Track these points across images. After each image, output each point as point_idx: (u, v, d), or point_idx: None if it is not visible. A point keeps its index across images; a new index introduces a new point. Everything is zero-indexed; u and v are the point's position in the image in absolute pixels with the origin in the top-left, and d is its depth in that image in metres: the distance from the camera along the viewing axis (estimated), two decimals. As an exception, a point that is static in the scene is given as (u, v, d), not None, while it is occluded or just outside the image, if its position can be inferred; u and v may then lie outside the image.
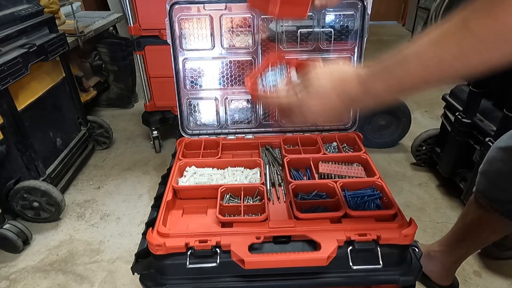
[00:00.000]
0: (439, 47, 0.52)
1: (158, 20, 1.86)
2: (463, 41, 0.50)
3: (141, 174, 2.04)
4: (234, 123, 1.28)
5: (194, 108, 1.26)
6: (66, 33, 1.95)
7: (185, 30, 1.17)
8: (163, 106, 2.12)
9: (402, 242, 0.78)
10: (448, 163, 1.73)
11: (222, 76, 1.23)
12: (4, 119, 1.47)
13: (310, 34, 1.17)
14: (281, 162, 1.09)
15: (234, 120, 1.27)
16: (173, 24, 1.16)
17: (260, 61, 1.19)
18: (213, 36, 1.18)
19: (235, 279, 0.80)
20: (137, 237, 1.58)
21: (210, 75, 1.23)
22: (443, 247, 1.24)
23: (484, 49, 0.49)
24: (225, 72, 1.22)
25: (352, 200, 0.91)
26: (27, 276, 1.43)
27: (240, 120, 1.28)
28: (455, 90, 1.74)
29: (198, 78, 1.23)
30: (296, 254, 0.76)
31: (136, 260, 0.86)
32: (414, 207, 1.72)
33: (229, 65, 1.21)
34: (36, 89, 1.70)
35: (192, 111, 1.26)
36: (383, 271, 0.81)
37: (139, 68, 2.02)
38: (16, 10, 1.59)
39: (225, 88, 1.24)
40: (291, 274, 0.80)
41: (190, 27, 1.17)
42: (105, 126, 2.21)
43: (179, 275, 0.80)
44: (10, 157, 1.52)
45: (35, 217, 1.66)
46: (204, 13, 1.14)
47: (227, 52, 1.20)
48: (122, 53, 2.55)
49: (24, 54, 1.50)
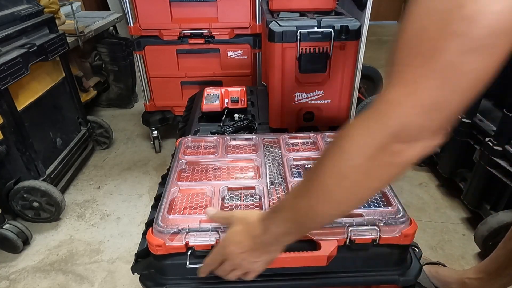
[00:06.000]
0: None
1: (158, 20, 1.86)
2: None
3: (141, 174, 2.04)
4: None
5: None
6: (66, 33, 1.95)
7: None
8: (163, 106, 2.12)
9: (402, 242, 0.78)
10: (448, 163, 1.73)
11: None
12: (4, 119, 1.47)
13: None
14: (281, 162, 1.09)
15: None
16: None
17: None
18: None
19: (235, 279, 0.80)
20: (137, 237, 1.58)
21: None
22: (481, 275, 1.12)
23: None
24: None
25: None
26: (27, 276, 1.43)
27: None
28: (455, 90, 1.74)
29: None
30: (296, 254, 0.75)
31: (136, 260, 0.86)
32: (414, 207, 1.72)
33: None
34: (36, 89, 1.70)
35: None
36: (383, 271, 0.81)
37: (139, 68, 2.02)
38: (16, 10, 1.59)
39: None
40: (291, 274, 0.80)
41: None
42: (105, 126, 2.21)
43: (179, 275, 0.80)
44: (10, 157, 1.52)
45: (35, 217, 1.65)
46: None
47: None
48: (122, 53, 2.55)
49: (24, 54, 1.50)
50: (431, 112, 0.41)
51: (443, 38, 0.38)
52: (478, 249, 1.46)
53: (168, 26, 1.87)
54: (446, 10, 0.37)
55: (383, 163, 0.45)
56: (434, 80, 0.40)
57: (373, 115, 0.45)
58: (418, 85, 0.41)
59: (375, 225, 0.78)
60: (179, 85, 2.04)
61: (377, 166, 0.46)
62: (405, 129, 0.43)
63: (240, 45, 1.94)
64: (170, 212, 0.83)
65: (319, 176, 0.51)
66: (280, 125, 1.31)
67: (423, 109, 0.41)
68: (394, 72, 0.43)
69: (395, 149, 0.44)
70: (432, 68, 0.39)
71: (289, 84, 1.24)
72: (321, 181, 0.51)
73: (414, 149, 0.44)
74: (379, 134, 0.44)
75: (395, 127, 0.43)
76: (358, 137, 0.46)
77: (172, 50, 1.93)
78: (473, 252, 1.49)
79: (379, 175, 0.47)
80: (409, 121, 0.42)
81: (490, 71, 0.39)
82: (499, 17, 0.36)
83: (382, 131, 0.44)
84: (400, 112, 0.42)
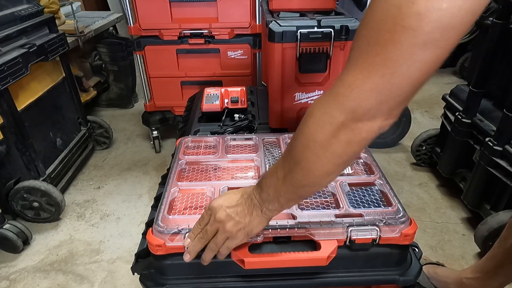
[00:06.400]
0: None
1: (158, 20, 1.86)
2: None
3: (141, 174, 2.04)
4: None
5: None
6: (66, 33, 1.95)
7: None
8: (163, 106, 2.12)
9: (402, 242, 0.78)
10: (448, 163, 1.73)
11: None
12: (4, 119, 1.47)
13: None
14: (281, 162, 1.09)
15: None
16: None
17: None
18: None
19: (235, 279, 0.80)
20: (137, 237, 1.58)
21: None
22: (479, 274, 1.12)
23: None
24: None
25: (352, 199, 0.90)
26: (27, 276, 1.43)
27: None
28: (455, 90, 1.74)
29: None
30: (296, 254, 0.76)
31: (136, 260, 0.86)
32: (414, 207, 1.72)
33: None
34: (36, 89, 1.70)
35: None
36: (383, 271, 0.81)
37: (139, 68, 2.02)
38: (16, 10, 1.59)
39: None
40: (291, 274, 0.80)
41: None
42: (105, 126, 2.21)
43: (179, 275, 0.80)
44: (10, 157, 1.52)
45: (35, 217, 1.65)
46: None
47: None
48: (122, 53, 2.55)
49: (24, 54, 1.50)
50: (384, 96, 0.47)
51: (397, 31, 0.42)
52: (478, 249, 1.46)
53: (168, 26, 1.87)
54: (400, 6, 0.41)
55: (343, 140, 0.50)
56: (387, 69, 0.45)
57: (333, 96, 0.51)
58: (374, 72, 0.46)
59: (375, 225, 0.78)
60: (179, 85, 2.04)
61: (337, 143, 0.51)
62: (361, 110, 0.48)
63: (240, 45, 1.94)
64: (170, 213, 0.83)
65: (292, 147, 0.58)
66: (280, 125, 1.31)
67: (377, 93, 0.46)
68: (353, 57, 0.49)
69: (352, 127, 0.49)
70: (386, 57, 0.44)
71: (289, 84, 1.24)
72: (293, 152, 0.57)
73: (369, 128, 0.49)
74: (338, 113, 0.49)
75: (352, 107, 0.48)
76: (320, 116, 0.52)
77: (172, 50, 1.93)
78: (473, 252, 1.49)
79: (340, 152, 0.52)
80: (365, 103, 0.47)
81: (438, 63, 0.44)
82: (448, 14, 0.40)
83: (341, 111, 0.49)
84: (357, 94, 0.47)
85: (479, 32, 2.68)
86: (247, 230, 0.67)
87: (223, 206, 0.67)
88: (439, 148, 1.85)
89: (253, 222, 0.66)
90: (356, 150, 0.52)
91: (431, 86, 3.03)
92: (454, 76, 3.25)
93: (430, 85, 3.04)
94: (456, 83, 2.33)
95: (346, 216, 0.82)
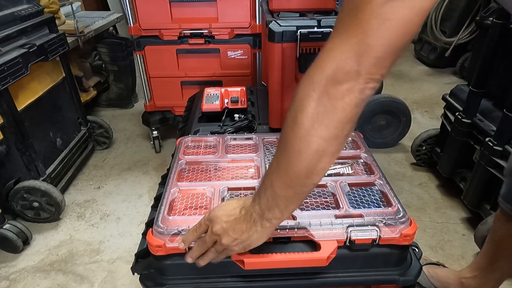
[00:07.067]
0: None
1: (158, 20, 1.86)
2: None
3: (141, 174, 2.04)
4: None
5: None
6: (66, 33, 1.95)
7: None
8: (163, 106, 2.12)
9: (402, 243, 0.78)
10: (448, 163, 1.73)
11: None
12: (4, 119, 1.47)
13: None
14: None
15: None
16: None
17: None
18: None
19: (235, 280, 0.80)
20: (137, 237, 1.58)
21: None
22: (476, 273, 1.13)
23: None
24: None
25: (352, 199, 0.90)
26: (27, 276, 1.43)
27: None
28: (455, 90, 1.74)
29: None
30: (296, 255, 0.76)
31: (136, 260, 0.86)
32: (414, 207, 1.72)
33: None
34: (36, 89, 1.70)
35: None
36: (383, 271, 0.81)
37: (139, 68, 2.02)
38: (16, 10, 1.59)
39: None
40: (291, 274, 0.80)
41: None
42: (105, 126, 2.21)
43: (179, 275, 0.80)
44: (10, 157, 1.52)
45: (35, 217, 1.65)
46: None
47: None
48: (122, 53, 2.55)
49: (24, 54, 1.50)
50: (361, 56, 0.48)
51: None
52: (478, 249, 1.45)
53: (168, 26, 1.87)
54: None
55: (328, 108, 0.50)
56: (361, 28, 0.47)
57: (315, 63, 0.52)
58: (349, 34, 0.48)
59: (375, 225, 0.78)
60: (179, 85, 2.04)
61: (324, 112, 0.51)
62: (340, 72, 0.49)
63: (240, 45, 1.94)
64: (170, 213, 0.83)
65: (283, 130, 0.57)
66: (280, 125, 1.31)
67: (354, 53, 0.48)
68: (334, 27, 0.51)
69: (334, 92, 0.50)
70: (360, 17, 0.46)
71: (289, 84, 1.24)
72: (283, 134, 0.57)
73: (352, 92, 0.49)
74: (319, 78, 0.50)
75: (331, 69, 0.49)
76: (305, 86, 0.52)
77: (172, 50, 1.93)
78: (473, 252, 1.49)
79: (326, 122, 0.51)
80: (343, 64, 0.48)
81: (413, 23, 0.46)
82: None
83: (322, 76, 0.50)
84: (335, 56, 0.49)
85: (479, 32, 2.68)
86: (244, 245, 0.66)
87: (222, 219, 0.66)
88: (439, 148, 1.85)
89: (251, 238, 0.65)
90: (341, 118, 0.51)
91: (431, 86, 3.02)
92: (454, 76, 3.25)
93: (430, 85, 3.04)
94: (456, 83, 2.33)
95: (346, 216, 0.82)
